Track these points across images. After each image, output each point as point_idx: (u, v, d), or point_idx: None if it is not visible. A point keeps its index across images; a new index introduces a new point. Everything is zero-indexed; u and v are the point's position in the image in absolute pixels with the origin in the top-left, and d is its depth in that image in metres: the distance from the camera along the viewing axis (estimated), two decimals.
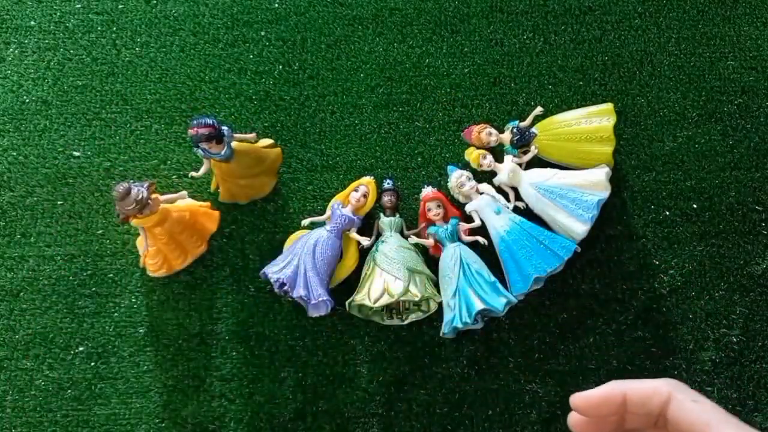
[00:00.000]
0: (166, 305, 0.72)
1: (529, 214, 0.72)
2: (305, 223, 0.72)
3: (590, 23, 0.81)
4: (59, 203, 0.74)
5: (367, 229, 0.73)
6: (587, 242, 0.70)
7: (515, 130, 0.73)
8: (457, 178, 0.72)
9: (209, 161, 0.69)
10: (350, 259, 0.71)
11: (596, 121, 0.72)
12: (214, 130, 0.66)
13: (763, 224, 0.75)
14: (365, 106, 0.78)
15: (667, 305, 0.72)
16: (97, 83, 0.78)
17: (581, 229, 0.68)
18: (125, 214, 0.64)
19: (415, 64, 0.79)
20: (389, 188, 0.73)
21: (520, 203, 0.73)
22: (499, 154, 0.74)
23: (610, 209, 0.73)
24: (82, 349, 0.71)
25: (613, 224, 0.74)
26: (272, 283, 0.68)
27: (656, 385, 0.31)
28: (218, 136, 0.66)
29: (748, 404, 0.70)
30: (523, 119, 0.75)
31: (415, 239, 0.71)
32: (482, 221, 0.71)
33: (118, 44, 0.79)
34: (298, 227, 0.73)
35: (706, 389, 0.70)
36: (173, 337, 0.71)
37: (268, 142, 0.75)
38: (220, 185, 0.73)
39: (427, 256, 0.72)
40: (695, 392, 0.30)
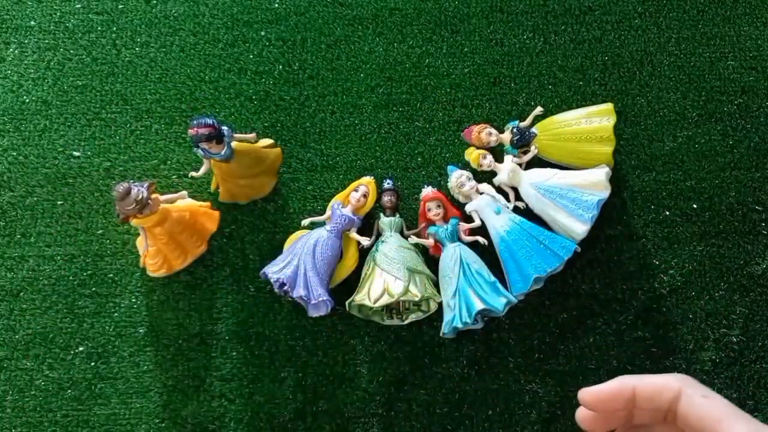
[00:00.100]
0: (166, 305, 0.72)
1: (529, 214, 0.71)
2: (305, 223, 0.72)
3: (590, 23, 0.81)
4: (59, 203, 0.74)
5: (367, 229, 0.73)
6: (587, 242, 0.70)
7: (515, 130, 0.73)
8: (457, 178, 0.72)
9: (209, 161, 0.69)
10: (350, 259, 0.71)
11: (596, 121, 0.72)
12: (214, 130, 0.66)
13: (763, 224, 0.75)
14: (365, 106, 0.78)
15: (667, 305, 0.72)
16: (97, 83, 0.78)
17: (581, 229, 0.68)
18: (125, 214, 0.64)
19: (415, 64, 0.79)
20: (389, 188, 0.73)
21: (520, 203, 0.72)
22: (499, 154, 0.74)
23: (610, 209, 0.73)
24: (82, 349, 0.71)
25: (613, 224, 0.74)
26: (272, 283, 0.68)
27: (666, 380, 0.30)
28: (218, 136, 0.66)
29: (748, 404, 0.70)
30: (523, 119, 0.75)
31: (415, 239, 0.71)
32: (482, 221, 0.71)
33: (118, 44, 0.79)
34: (298, 227, 0.73)
35: None
36: (173, 337, 0.71)
37: (268, 142, 0.75)
38: (220, 185, 0.73)
39: (427, 256, 0.72)
40: (706, 387, 0.30)
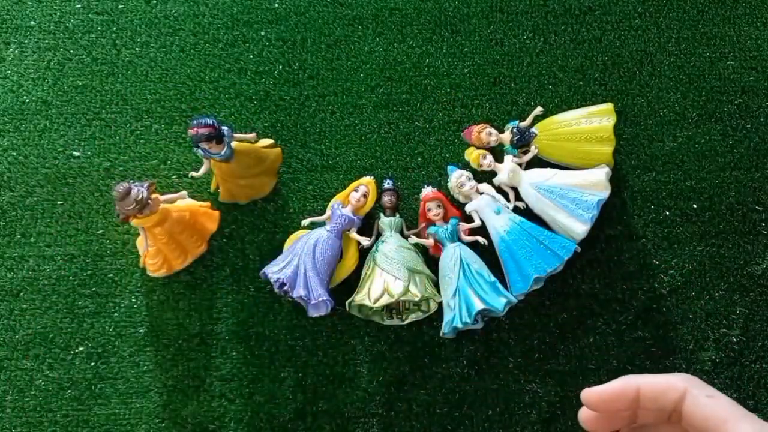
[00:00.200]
0: (166, 305, 0.72)
1: (529, 214, 0.71)
2: (305, 223, 0.72)
3: (590, 23, 0.81)
4: (59, 203, 0.74)
5: (367, 229, 0.73)
6: (587, 242, 0.70)
7: (515, 130, 0.73)
8: (457, 178, 0.72)
9: (209, 161, 0.69)
10: (350, 259, 0.71)
11: (596, 121, 0.72)
12: (214, 130, 0.66)
13: (763, 224, 0.75)
14: (365, 106, 0.78)
15: (667, 305, 0.72)
16: (97, 83, 0.78)
17: (581, 229, 0.68)
18: (125, 214, 0.64)
19: (415, 64, 0.79)
20: (389, 188, 0.73)
21: (520, 203, 0.72)
22: (499, 154, 0.74)
23: (610, 209, 0.73)
24: (82, 349, 0.71)
25: (613, 224, 0.74)
26: (272, 283, 0.68)
27: (671, 380, 0.30)
28: (218, 136, 0.66)
29: (748, 404, 0.70)
30: (523, 119, 0.74)
31: (415, 239, 0.71)
32: (482, 221, 0.71)
33: (118, 44, 0.79)
34: (298, 227, 0.73)
35: None
36: (173, 337, 0.71)
37: (268, 142, 0.75)
38: (220, 185, 0.73)
39: (427, 256, 0.72)
40: (711, 387, 0.30)
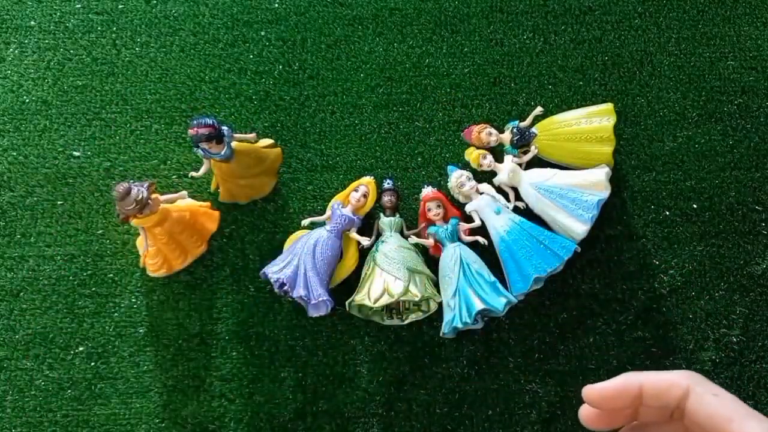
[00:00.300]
0: (166, 305, 0.72)
1: (529, 214, 0.71)
2: (305, 223, 0.72)
3: (590, 23, 0.81)
4: (59, 203, 0.74)
5: (367, 229, 0.73)
6: (587, 242, 0.70)
7: (515, 130, 0.73)
8: (457, 178, 0.72)
9: (209, 161, 0.69)
10: (350, 259, 0.71)
11: (596, 121, 0.72)
12: (214, 130, 0.66)
13: (763, 224, 0.75)
14: (365, 106, 0.78)
15: (667, 305, 0.72)
16: (97, 83, 0.78)
17: (581, 229, 0.68)
18: (125, 214, 0.64)
19: (415, 64, 0.79)
20: (389, 188, 0.73)
21: (520, 203, 0.72)
22: (499, 154, 0.74)
23: (610, 209, 0.73)
24: (82, 349, 0.71)
25: (613, 224, 0.74)
26: (272, 283, 0.68)
27: (674, 377, 0.29)
28: (218, 136, 0.66)
29: (747, 404, 0.69)
30: (523, 119, 0.74)
31: (415, 239, 0.71)
32: (482, 221, 0.71)
33: (118, 44, 0.79)
34: (298, 227, 0.73)
35: None
36: (173, 337, 0.71)
37: (268, 142, 0.75)
38: (220, 185, 0.73)
39: (427, 256, 0.72)
40: (715, 385, 0.29)
